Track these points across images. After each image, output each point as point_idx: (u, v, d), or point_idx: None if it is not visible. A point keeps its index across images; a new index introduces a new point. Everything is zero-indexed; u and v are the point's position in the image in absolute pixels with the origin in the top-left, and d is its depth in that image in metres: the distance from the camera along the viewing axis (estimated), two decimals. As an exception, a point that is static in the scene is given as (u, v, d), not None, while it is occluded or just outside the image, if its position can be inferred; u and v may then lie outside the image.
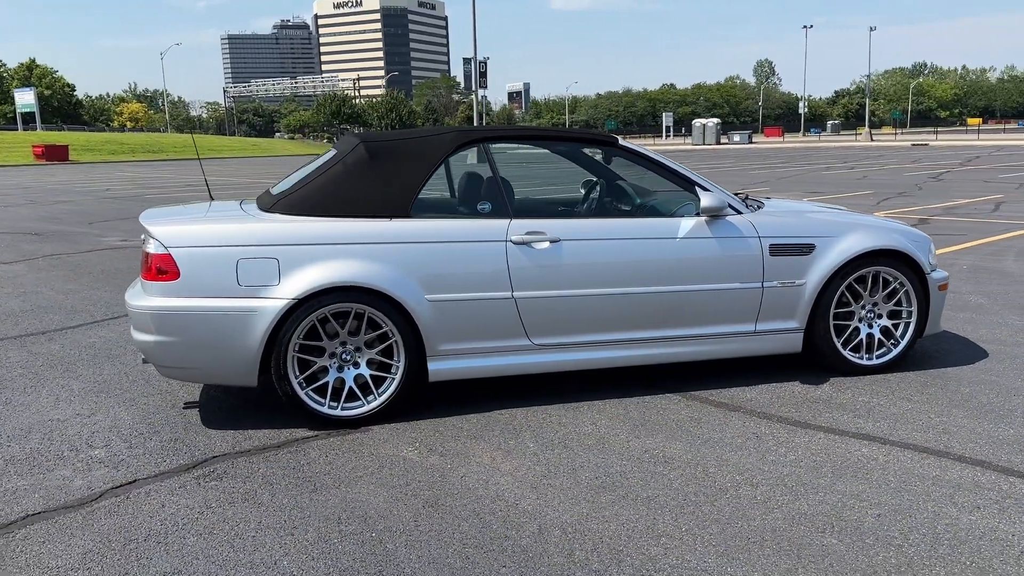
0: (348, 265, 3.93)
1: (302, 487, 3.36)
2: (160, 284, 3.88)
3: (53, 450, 3.80)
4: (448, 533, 2.94)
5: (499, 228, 4.15)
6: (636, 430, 3.88)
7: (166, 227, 3.95)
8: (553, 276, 4.16)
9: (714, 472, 3.39)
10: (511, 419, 4.07)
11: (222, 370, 3.97)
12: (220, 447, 3.80)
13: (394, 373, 4.07)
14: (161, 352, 3.91)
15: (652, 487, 3.27)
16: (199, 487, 3.38)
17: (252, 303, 3.86)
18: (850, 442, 3.67)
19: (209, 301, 3.86)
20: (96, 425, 4.12)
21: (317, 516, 3.10)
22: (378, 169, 4.17)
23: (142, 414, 4.27)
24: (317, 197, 4.11)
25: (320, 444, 3.81)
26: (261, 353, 3.90)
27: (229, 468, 3.56)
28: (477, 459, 3.59)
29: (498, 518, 3.04)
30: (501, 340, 4.16)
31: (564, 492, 3.24)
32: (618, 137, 4.60)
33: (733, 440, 3.73)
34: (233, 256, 3.89)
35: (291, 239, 3.94)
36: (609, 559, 2.74)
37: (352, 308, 3.96)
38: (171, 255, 3.87)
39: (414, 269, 4.00)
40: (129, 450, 3.79)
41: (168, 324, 3.86)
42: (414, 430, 3.96)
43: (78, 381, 4.87)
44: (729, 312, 4.41)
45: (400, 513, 3.10)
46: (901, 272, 4.61)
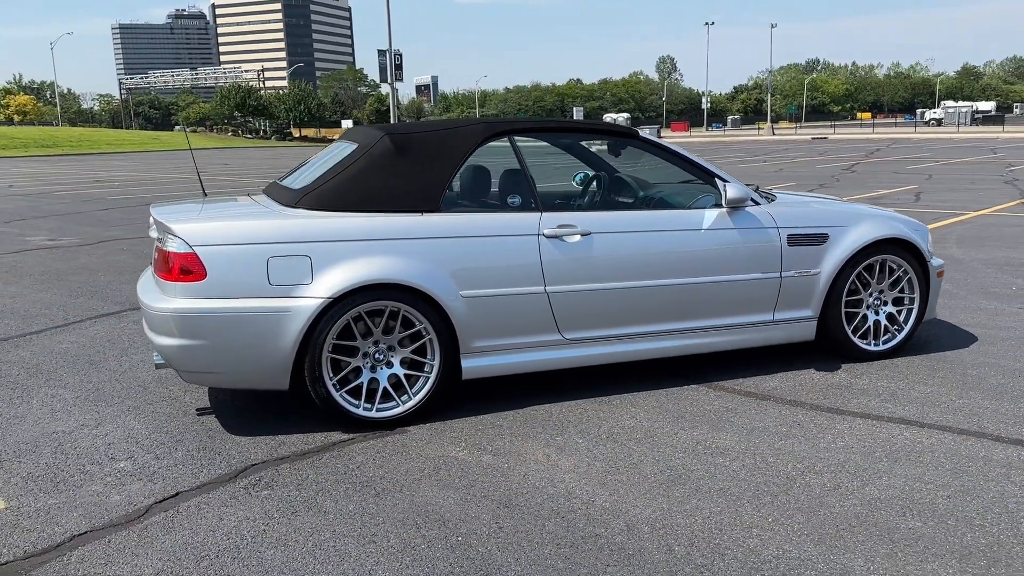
0: (383, 262, 3.80)
1: (363, 492, 3.23)
2: (185, 285, 3.67)
3: (72, 464, 3.55)
4: (536, 533, 2.88)
5: (531, 222, 4.09)
6: (678, 422, 3.89)
7: (190, 224, 3.74)
8: (584, 270, 4.12)
9: (773, 462, 3.43)
10: (547, 415, 4.02)
11: (253, 374, 3.78)
12: (255, 454, 3.63)
13: (428, 372, 3.96)
14: (186, 357, 3.70)
15: (720, 479, 3.28)
16: (251, 497, 3.21)
17: (285, 303, 3.69)
18: (890, 427, 3.77)
19: (239, 302, 3.68)
20: (109, 436, 3.87)
21: (392, 521, 2.99)
22: (406, 162, 4.04)
23: (155, 423, 4.04)
24: (345, 192, 3.96)
25: (362, 447, 3.68)
26: (295, 355, 3.74)
27: (275, 476, 3.40)
28: (531, 457, 3.53)
29: (580, 516, 2.99)
30: (533, 336, 4.11)
31: (634, 487, 3.22)
32: (638, 130, 4.61)
33: (777, 429, 3.78)
34: (263, 254, 3.71)
35: (323, 235, 3.78)
36: (710, 553, 2.73)
37: (387, 306, 3.83)
38: (197, 254, 3.67)
39: (448, 265, 3.90)
40: (157, 461, 3.58)
41: (194, 327, 3.66)
42: (452, 429, 3.87)
43: (67, 390, 4.57)
44: (751, 302, 4.47)
45: (477, 515, 3.02)
46: (905, 260, 4.77)
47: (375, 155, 4.05)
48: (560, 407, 4.13)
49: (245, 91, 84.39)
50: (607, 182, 5.05)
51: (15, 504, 3.20)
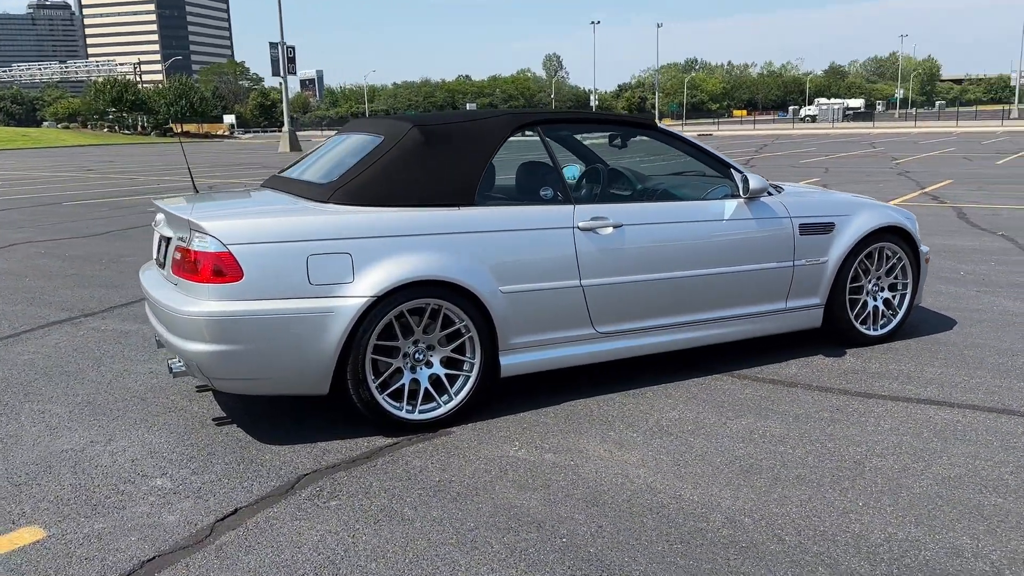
0: (426, 258, 3.66)
1: (439, 497, 3.09)
2: (219, 287, 3.43)
3: (102, 484, 3.27)
4: (640, 531, 2.82)
5: (565, 214, 4.02)
6: (720, 412, 3.91)
7: (223, 222, 3.49)
8: (617, 262, 4.09)
9: (832, 447, 3.49)
10: (587, 410, 3.97)
11: (293, 379, 3.57)
12: (301, 463, 3.43)
13: (467, 371, 3.84)
14: (220, 363, 3.46)
15: (792, 467, 3.31)
16: (321, 509, 3.03)
17: (327, 303, 3.50)
18: (923, 408, 3.90)
19: (278, 303, 3.46)
20: (129, 452, 3.58)
21: (484, 526, 2.87)
22: (437, 155, 3.90)
23: (173, 435, 3.76)
24: (379, 185, 3.79)
25: (414, 451, 3.54)
26: (337, 357, 3.55)
27: (335, 485, 3.22)
28: (592, 453, 3.47)
29: (674, 511, 2.96)
30: (568, 330, 4.04)
31: (712, 479, 3.21)
32: (656, 122, 4.61)
33: (819, 414, 3.85)
34: (303, 252, 3.51)
35: (364, 231, 3.61)
36: (821, 540, 2.74)
37: (429, 304, 3.69)
38: (232, 253, 3.43)
39: (487, 260, 3.80)
40: (196, 476, 3.33)
41: (231, 331, 3.42)
42: (497, 428, 3.77)
43: (56, 405, 4.21)
44: (767, 291, 4.54)
45: (570, 515, 2.94)
46: (900, 247, 4.95)
47: (405, 147, 3.89)
48: (596, 402, 4.08)
49: (122, 85, 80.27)
50: (607, 175, 5.03)
51: (57, 531, 2.91)
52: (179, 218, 3.64)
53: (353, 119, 4.95)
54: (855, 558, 2.63)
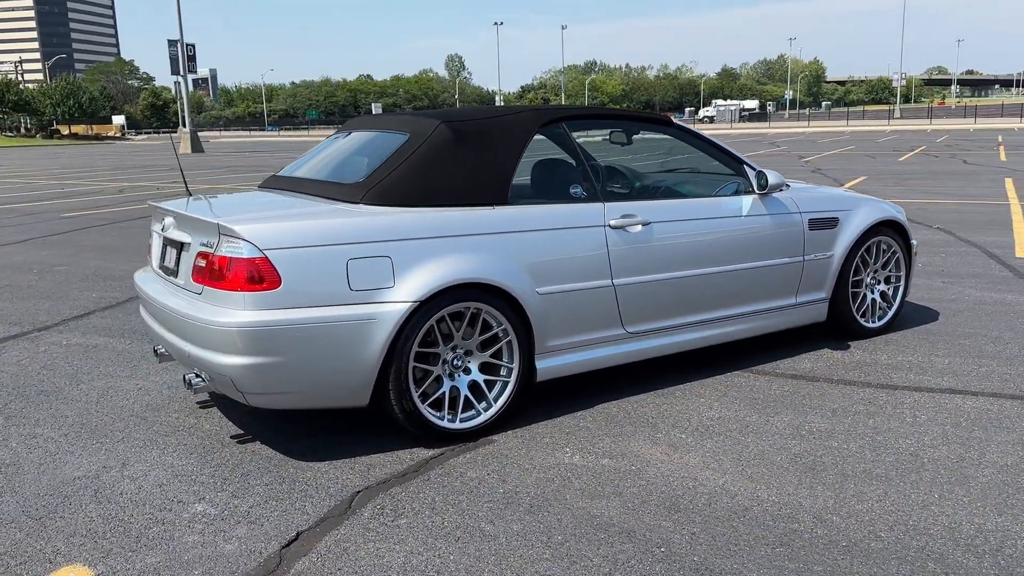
0: (465, 260, 3.50)
1: (512, 509, 2.95)
2: (254, 295, 3.19)
3: (136, 514, 2.99)
4: (735, 536, 2.75)
5: (596, 212, 3.93)
6: (758, 409, 3.89)
7: (257, 225, 3.25)
8: (646, 260, 4.02)
9: (883, 440, 3.50)
10: (624, 412, 3.89)
11: (332, 390, 3.36)
12: (349, 480, 3.22)
13: (506, 376, 3.70)
14: (257, 377, 3.22)
15: (852, 461, 3.30)
16: (391, 528, 2.84)
17: (369, 309, 3.31)
18: (950, 398, 3.97)
19: (319, 311, 3.25)
20: (152, 477, 3.30)
21: (574, 538, 2.75)
22: (468, 152, 3.75)
23: (195, 456, 3.49)
24: (411, 184, 3.61)
25: (463, 461, 3.38)
26: (380, 366, 3.36)
27: (397, 502, 3.03)
28: (649, 456, 3.39)
29: (760, 513, 2.90)
30: (600, 331, 3.95)
31: (781, 478, 3.17)
32: (671, 118, 4.57)
33: (853, 408, 3.87)
34: (342, 256, 3.30)
35: (403, 233, 3.43)
36: (917, 534, 2.73)
37: (470, 307, 3.54)
38: (269, 259, 3.20)
39: (523, 260, 3.67)
40: (239, 500, 3.09)
41: (268, 342, 3.19)
42: (539, 435, 3.65)
43: (45, 427, 3.86)
44: (781, 286, 4.56)
45: (656, 522, 2.84)
46: (895, 241, 5.06)
47: (435, 145, 3.71)
48: (629, 403, 4.00)
49: (3, 85, 75.73)
50: (604, 172, 4.96)
51: (106, 569, 2.64)
52: (203, 221, 3.37)
53: (358, 117, 4.71)
54: (956, 551, 2.63)
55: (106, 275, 7.68)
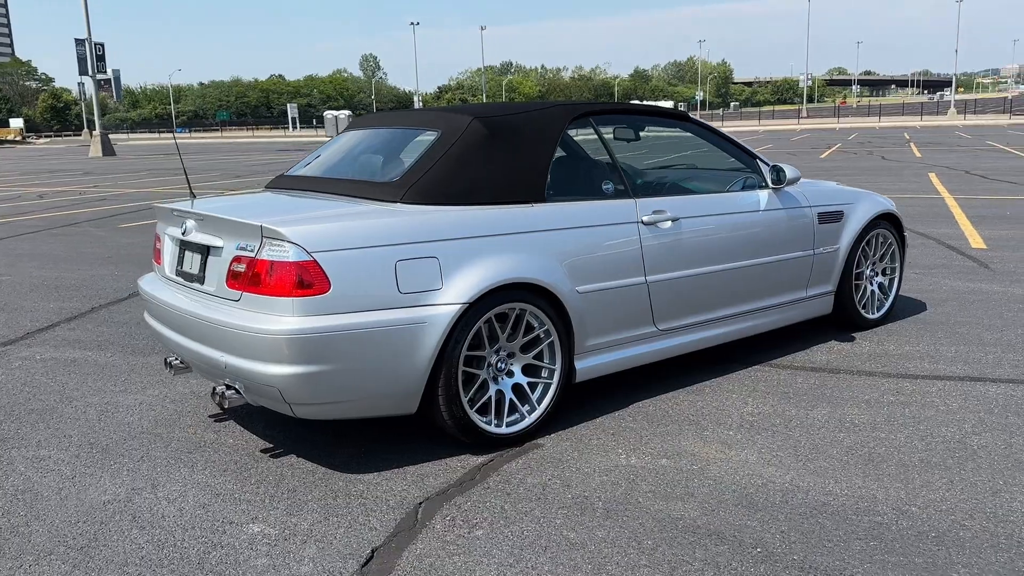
0: (511, 259, 3.40)
1: (589, 515, 2.86)
2: (303, 300, 3.01)
3: (188, 538, 2.78)
4: (827, 533, 2.72)
5: (629, 208, 3.87)
6: (792, 402, 3.89)
7: (304, 226, 3.07)
8: (677, 256, 3.99)
9: (925, 430, 3.54)
10: (661, 410, 3.84)
11: (381, 399, 3.21)
12: (405, 491, 3.08)
13: (547, 378, 3.61)
14: (306, 386, 3.04)
15: (908, 451, 3.32)
16: (470, 540, 2.72)
17: (419, 312, 3.17)
18: (972, 385, 4.05)
19: (369, 316, 3.09)
20: (191, 498, 3.08)
21: (665, 543, 2.67)
22: (503, 148, 3.64)
23: (228, 473, 3.28)
24: (450, 182, 3.48)
25: (519, 467, 3.27)
26: (430, 372, 3.22)
27: (465, 512, 2.90)
28: (704, 454, 3.35)
29: (840, 508, 2.87)
30: (633, 329, 3.89)
31: (845, 471, 3.16)
32: (688, 114, 4.54)
33: (884, 399, 3.91)
34: (391, 258, 3.15)
35: (449, 232, 3.30)
36: (1000, 522, 2.75)
37: (515, 308, 3.43)
38: (318, 262, 3.02)
39: (563, 259, 3.58)
40: (295, 518, 2.91)
41: (319, 350, 3.02)
42: (584, 437, 3.56)
43: (50, 449, 3.58)
44: (794, 280, 4.59)
45: (741, 522, 2.79)
46: (891, 233, 5.16)
47: (470, 141, 3.59)
48: (663, 401, 3.96)
49: None
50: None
51: (176, 599, 2.43)
52: (241, 223, 3.17)
53: (369, 114, 4.52)
54: (1043, 537, 2.66)
55: (57, 284, 7.25)
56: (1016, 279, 6.39)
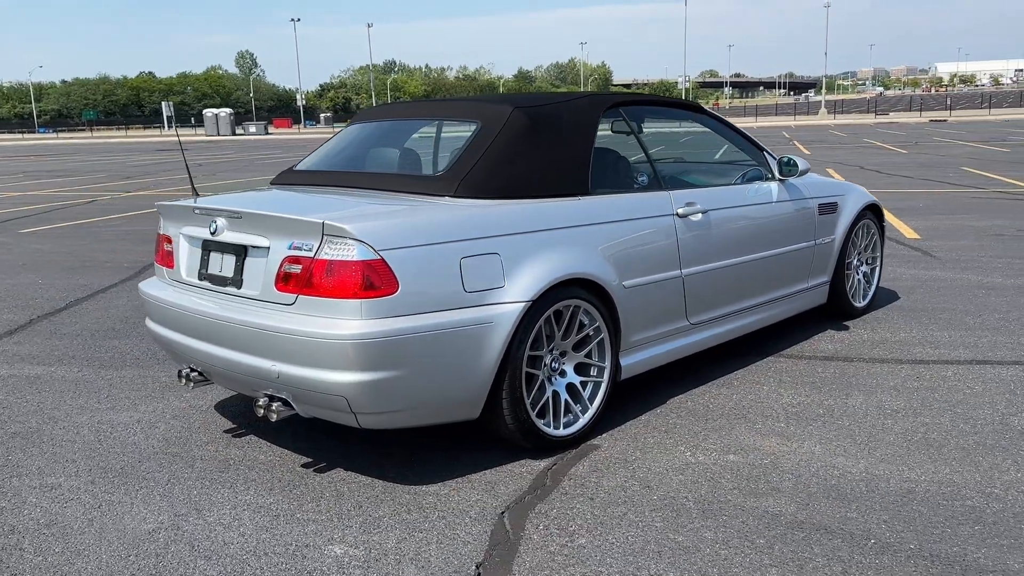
0: (566, 254, 3.27)
1: (685, 516, 2.76)
2: (372, 302, 2.79)
3: (266, 565, 2.52)
4: (929, 519, 2.70)
5: (665, 201, 3.80)
6: (826, 392, 3.91)
7: (368, 223, 2.85)
8: (707, 249, 3.95)
9: (964, 413, 3.61)
10: (702, 405, 3.79)
11: (445, 405, 3.02)
12: (480, 500, 2.90)
13: (598, 376, 3.49)
14: (375, 394, 2.82)
15: (958, 436, 3.37)
16: (577, 550, 2.57)
17: (484, 312, 3.00)
18: (984, 368, 4.17)
19: (437, 317, 2.90)
20: (248, 522, 2.81)
21: (778, 540, 2.60)
22: (546, 139, 3.50)
23: (277, 492, 3.02)
24: (501, 175, 3.32)
25: (587, 470, 3.14)
26: (495, 374, 3.05)
27: (553, 520, 2.75)
28: (767, 448, 3.31)
29: (927, 494, 2.87)
30: (669, 324, 3.83)
31: (912, 457, 3.18)
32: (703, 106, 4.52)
33: (910, 384, 3.98)
34: (456, 254, 2.97)
35: (508, 227, 3.14)
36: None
37: (570, 305, 3.30)
38: (385, 261, 2.81)
39: (610, 253, 3.48)
40: (374, 536, 2.69)
41: (388, 355, 2.80)
42: (638, 436, 3.47)
43: (59, 476, 3.22)
44: (799, 270, 4.63)
45: (842, 514, 2.75)
46: (874, 224, 5.30)
47: (514, 132, 3.43)
48: (697, 395, 3.92)
49: None
50: None
51: (286, 636, 2.19)
52: (295, 221, 2.91)
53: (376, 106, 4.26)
54: None
55: (-21, 294, 6.60)
56: (964, 266, 6.70)
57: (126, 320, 5.69)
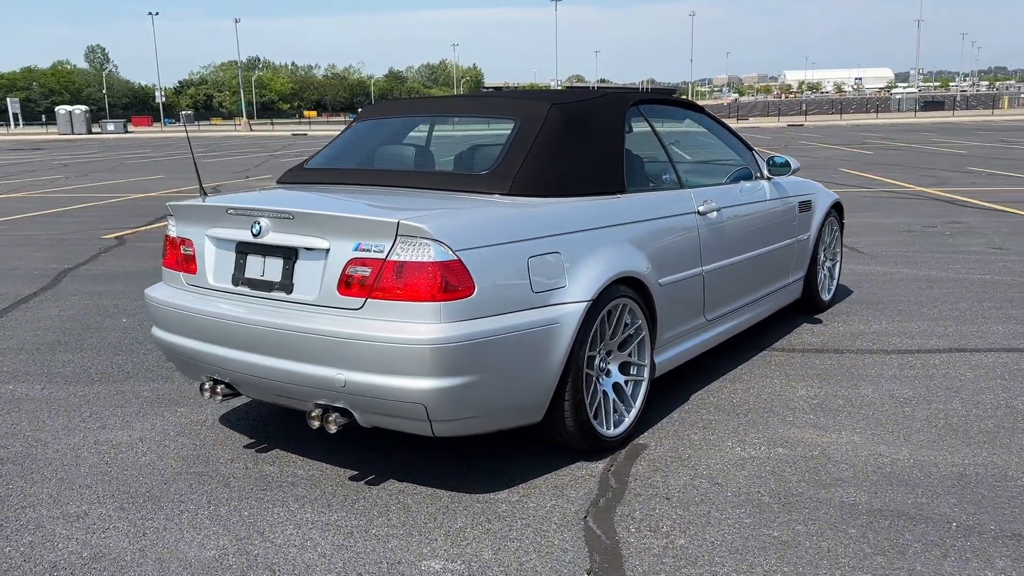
0: (616, 252, 3.24)
1: (767, 511, 2.78)
2: (450, 305, 2.67)
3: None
4: (997, 502, 2.82)
5: (687, 199, 3.83)
6: (835, 383, 4.03)
7: (444, 222, 2.72)
8: (722, 246, 4.01)
9: (969, 398, 3.80)
10: (727, 400, 3.84)
11: (515, 409, 2.94)
12: (559, 506, 2.83)
13: (638, 375, 3.48)
14: (453, 400, 2.70)
15: (975, 421, 3.53)
16: (680, 550, 2.54)
17: (551, 312, 2.93)
18: (965, 356, 4.40)
19: (509, 319, 2.81)
20: (317, 540, 2.63)
21: (872, 530, 2.65)
22: (583, 137, 3.45)
23: (335, 507, 2.85)
24: (548, 173, 3.27)
25: (648, 470, 3.12)
26: (559, 375, 2.99)
27: (643, 523, 2.72)
28: (805, 439, 3.38)
29: (981, 477, 2.99)
30: (691, 321, 3.86)
31: (946, 442, 3.30)
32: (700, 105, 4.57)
33: (906, 373, 4.16)
34: (524, 254, 2.89)
35: (566, 226, 3.09)
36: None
37: (619, 303, 3.28)
38: (462, 261, 2.69)
39: (647, 250, 3.47)
40: (467, 549, 2.57)
41: (468, 359, 2.69)
42: (677, 433, 3.48)
43: (75, 503, 2.92)
44: (787, 266, 4.78)
45: (911, 500, 2.83)
46: (838, 221, 5.53)
47: (554, 129, 3.36)
48: (714, 391, 3.97)
49: None
50: None
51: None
52: (365, 220, 2.74)
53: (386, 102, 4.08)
54: None
55: None
56: (895, 261, 7.09)
57: (68, 331, 5.25)
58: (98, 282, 6.84)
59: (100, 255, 8.22)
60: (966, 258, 7.14)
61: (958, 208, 10.44)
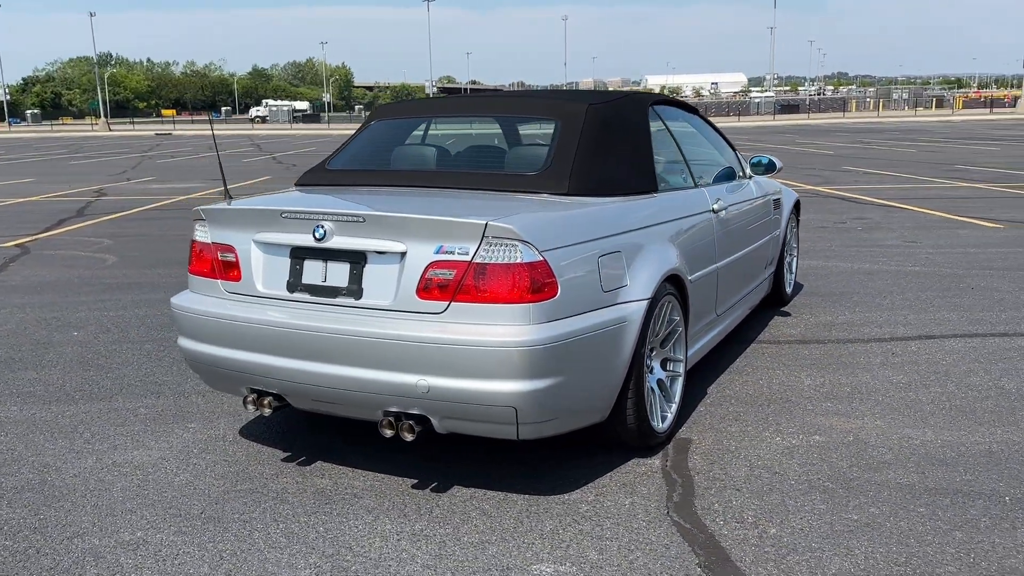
0: (663, 250, 3.30)
1: (834, 497, 2.88)
2: (538, 306, 2.65)
3: (490, 597, 2.32)
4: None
5: (703, 197, 3.93)
6: (835, 372, 4.21)
7: (529, 223, 2.69)
8: (730, 243, 4.13)
9: (960, 381, 4.05)
10: (742, 391, 3.95)
11: (588, 408, 2.95)
12: (640, 505, 2.85)
13: (675, 370, 3.53)
14: (541, 403, 2.68)
15: (979, 403, 3.77)
16: (772, 539, 2.61)
17: (619, 311, 2.95)
18: (937, 343, 4.69)
19: (589, 318, 2.82)
20: (410, 550, 2.56)
21: (938, 508, 2.80)
22: (618, 137, 3.48)
23: (406, 516, 2.77)
24: (597, 173, 3.28)
25: (702, 464, 3.18)
26: (626, 373, 3.01)
27: (727, 516, 2.77)
28: (844, 427, 3.52)
29: (1013, 455, 3.23)
30: (707, 316, 3.96)
31: (965, 424, 3.51)
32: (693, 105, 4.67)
33: (895, 360, 4.39)
34: (595, 253, 2.90)
35: (626, 224, 3.13)
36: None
37: (666, 300, 3.33)
38: (547, 262, 2.67)
39: (682, 248, 3.54)
40: (565, 551, 2.56)
41: (555, 360, 2.68)
42: (713, 426, 3.56)
43: (131, 531, 2.71)
44: (765, 261, 4.96)
45: (960, 478, 3.00)
46: (796, 219, 5.79)
47: (594, 129, 3.38)
48: (726, 383, 4.08)
49: None
50: None
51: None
52: (449, 223, 2.66)
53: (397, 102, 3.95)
54: None
55: None
56: (823, 255, 7.48)
57: (17, 347, 4.85)
58: (22, 294, 6.33)
59: (9, 264, 7.61)
60: (888, 251, 7.61)
61: (858, 205, 11.10)
